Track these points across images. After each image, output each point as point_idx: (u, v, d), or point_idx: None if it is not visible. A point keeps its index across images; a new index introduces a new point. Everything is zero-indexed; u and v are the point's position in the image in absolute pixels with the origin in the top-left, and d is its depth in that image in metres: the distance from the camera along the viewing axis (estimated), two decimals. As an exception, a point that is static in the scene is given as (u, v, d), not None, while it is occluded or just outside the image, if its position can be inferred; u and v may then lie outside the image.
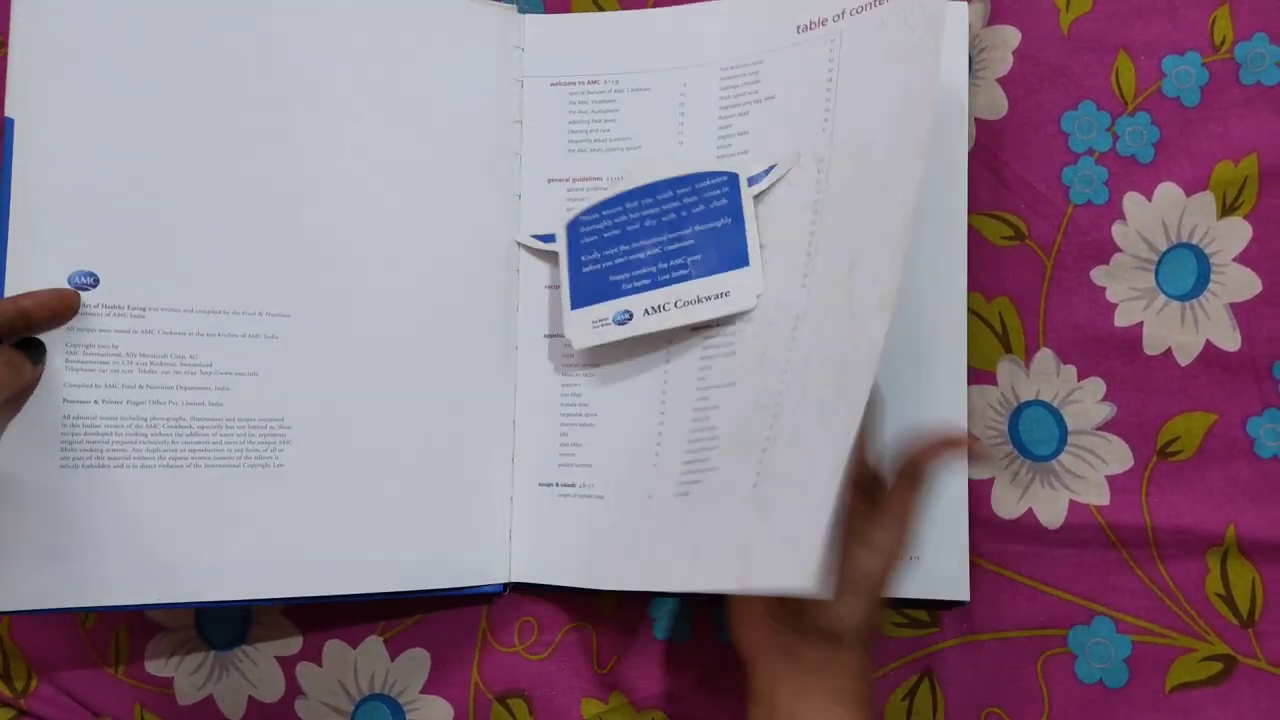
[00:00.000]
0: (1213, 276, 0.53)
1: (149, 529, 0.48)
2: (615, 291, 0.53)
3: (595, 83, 0.57)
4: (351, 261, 0.52)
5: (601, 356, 0.54)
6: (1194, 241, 0.54)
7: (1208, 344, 0.53)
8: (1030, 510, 0.53)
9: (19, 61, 0.48)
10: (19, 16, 0.48)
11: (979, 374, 0.54)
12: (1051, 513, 0.53)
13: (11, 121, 0.47)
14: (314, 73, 0.52)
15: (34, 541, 0.46)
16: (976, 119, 0.55)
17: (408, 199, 0.54)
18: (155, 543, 0.48)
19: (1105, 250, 0.54)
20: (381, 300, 0.53)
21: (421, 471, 0.53)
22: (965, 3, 0.55)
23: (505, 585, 0.54)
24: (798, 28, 0.53)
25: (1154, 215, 0.54)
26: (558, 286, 0.54)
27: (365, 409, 0.52)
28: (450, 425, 0.54)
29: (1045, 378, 0.54)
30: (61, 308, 0.46)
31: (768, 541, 0.45)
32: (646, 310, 0.52)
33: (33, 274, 0.47)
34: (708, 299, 0.52)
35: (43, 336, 0.46)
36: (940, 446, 0.45)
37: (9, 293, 0.47)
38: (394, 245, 0.53)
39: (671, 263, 0.53)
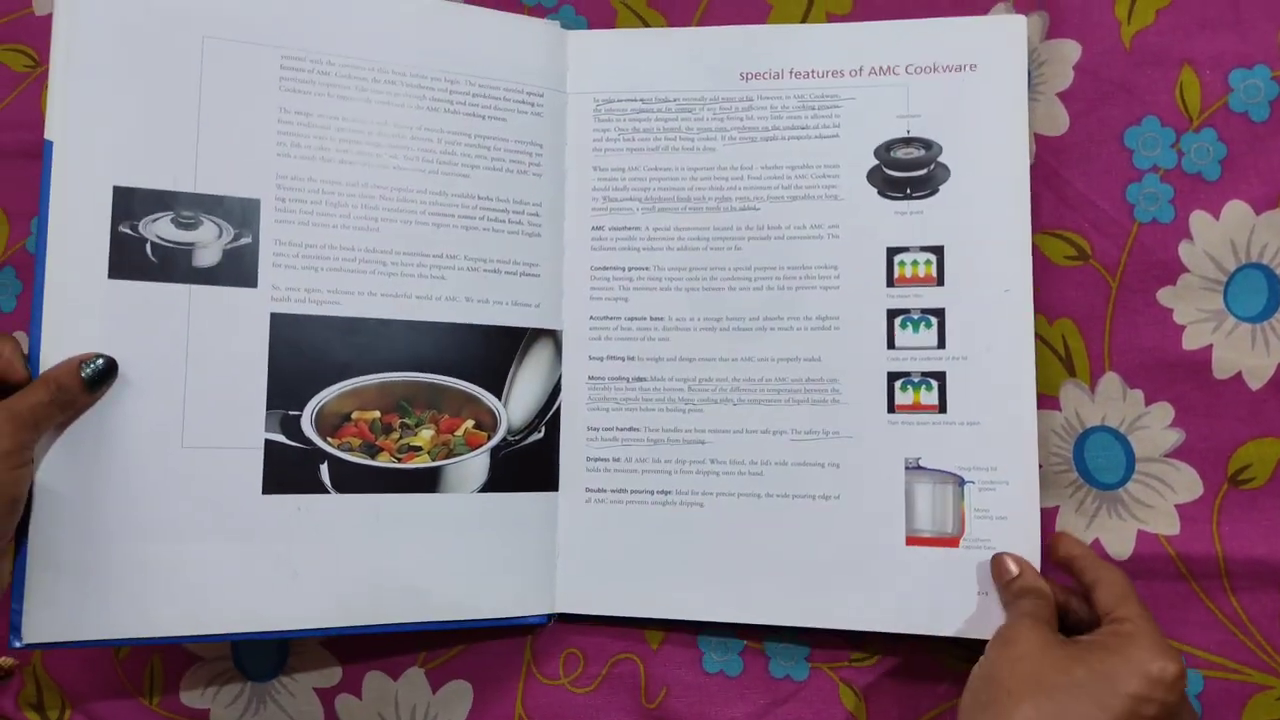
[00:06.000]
0: (1285, 297, 0.51)
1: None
2: None
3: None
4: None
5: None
6: (1264, 261, 0.52)
7: (1280, 368, 0.51)
8: (1097, 540, 0.51)
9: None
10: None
11: (1042, 398, 0.52)
12: (1119, 543, 0.51)
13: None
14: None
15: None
16: (1036, 135, 0.54)
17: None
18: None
19: (1172, 270, 0.52)
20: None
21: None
22: (1024, 16, 0.53)
23: (550, 616, 0.53)
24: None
25: (1222, 234, 0.52)
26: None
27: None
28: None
29: (1111, 402, 0.52)
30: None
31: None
32: None
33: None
34: None
35: None
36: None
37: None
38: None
39: None
